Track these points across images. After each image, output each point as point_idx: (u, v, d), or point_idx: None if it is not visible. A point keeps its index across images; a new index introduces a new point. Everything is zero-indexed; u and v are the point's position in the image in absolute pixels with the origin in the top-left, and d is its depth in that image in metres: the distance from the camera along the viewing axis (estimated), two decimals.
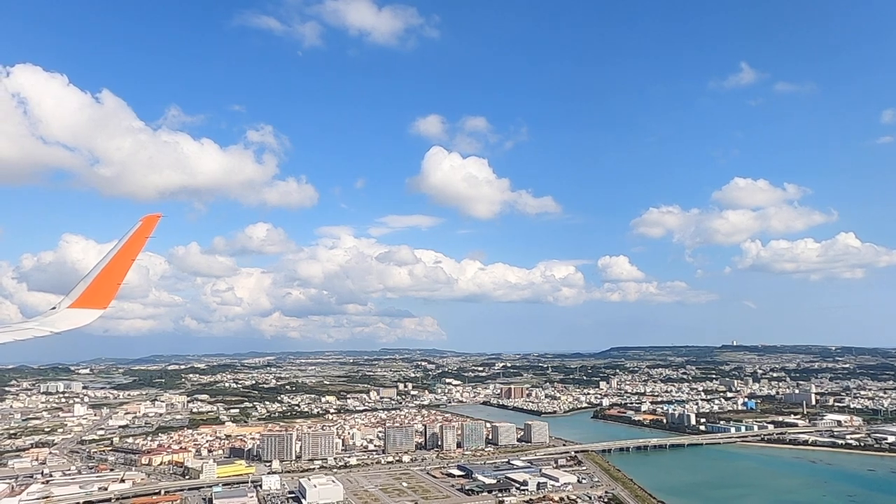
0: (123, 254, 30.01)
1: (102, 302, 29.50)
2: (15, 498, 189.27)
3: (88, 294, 29.30)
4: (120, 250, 30.05)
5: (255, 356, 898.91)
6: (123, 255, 29.98)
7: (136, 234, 30.47)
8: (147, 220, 31.09)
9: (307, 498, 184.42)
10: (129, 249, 30.13)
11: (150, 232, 30.69)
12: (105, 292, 29.44)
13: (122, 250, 30.07)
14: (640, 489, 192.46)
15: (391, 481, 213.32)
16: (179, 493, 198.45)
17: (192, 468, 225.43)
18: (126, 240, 30.34)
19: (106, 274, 29.54)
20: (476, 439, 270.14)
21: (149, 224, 30.88)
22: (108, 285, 29.45)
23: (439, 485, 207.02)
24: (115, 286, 29.63)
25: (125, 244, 30.17)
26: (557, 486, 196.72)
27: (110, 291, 29.56)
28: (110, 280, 29.49)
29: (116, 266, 29.76)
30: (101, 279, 29.41)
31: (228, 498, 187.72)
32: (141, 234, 30.49)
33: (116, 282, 29.65)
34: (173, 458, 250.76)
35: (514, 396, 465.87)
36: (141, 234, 30.53)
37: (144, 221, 30.98)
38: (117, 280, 29.65)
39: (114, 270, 29.67)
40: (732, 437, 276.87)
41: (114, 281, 29.56)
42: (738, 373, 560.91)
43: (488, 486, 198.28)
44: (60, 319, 28.58)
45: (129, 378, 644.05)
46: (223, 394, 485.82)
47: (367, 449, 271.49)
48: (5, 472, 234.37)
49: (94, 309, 29.32)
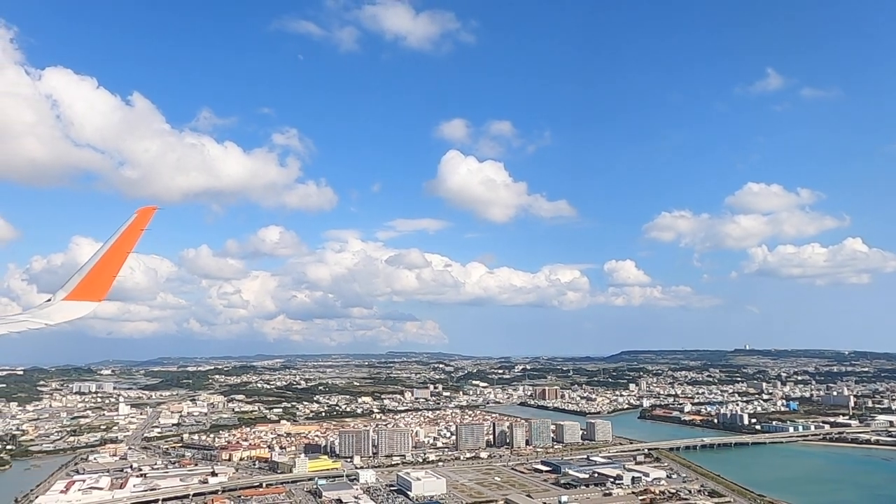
0: (119, 246, 29.54)
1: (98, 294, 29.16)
2: (124, 489, 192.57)
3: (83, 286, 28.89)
4: (115, 243, 29.58)
5: (261, 359, 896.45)
6: (119, 248, 29.51)
7: (132, 227, 30.00)
8: (142, 212, 30.61)
9: (412, 490, 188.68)
10: (124, 242, 29.67)
11: (145, 224, 30.29)
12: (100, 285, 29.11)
13: (118, 243, 29.61)
14: (733, 483, 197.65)
15: (480, 476, 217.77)
16: (283, 486, 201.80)
17: (282, 462, 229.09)
18: (121, 232, 29.86)
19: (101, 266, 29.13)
20: (544, 437, 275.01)
21: (144, 216, 30.44)
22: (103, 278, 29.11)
23: (530, 479, 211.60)
24: (111, 279, 29.31)
25: (120, 237, 29.72)
26: (649, 480, 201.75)
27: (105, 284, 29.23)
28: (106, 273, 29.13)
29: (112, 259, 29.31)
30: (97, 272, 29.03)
31: (335, 490, 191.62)
32: (136, 227, 30.04)
33: (112, 274, 29.29)
34: (252, 453, 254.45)
35: (548, 398, 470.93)
36: (136, 226, 30.06)
37: (140, 214, 30.51)
38: (112, 273, 29.29)
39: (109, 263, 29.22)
40: (793, 437, 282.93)
41: (109, 273, 29.21)
42: (762, 376, 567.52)
43: (582, 480, 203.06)
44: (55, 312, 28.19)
45: (150, 379, 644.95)
46: (258, 394, 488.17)
47: (435, 446, 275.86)
48: (92, 465, 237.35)
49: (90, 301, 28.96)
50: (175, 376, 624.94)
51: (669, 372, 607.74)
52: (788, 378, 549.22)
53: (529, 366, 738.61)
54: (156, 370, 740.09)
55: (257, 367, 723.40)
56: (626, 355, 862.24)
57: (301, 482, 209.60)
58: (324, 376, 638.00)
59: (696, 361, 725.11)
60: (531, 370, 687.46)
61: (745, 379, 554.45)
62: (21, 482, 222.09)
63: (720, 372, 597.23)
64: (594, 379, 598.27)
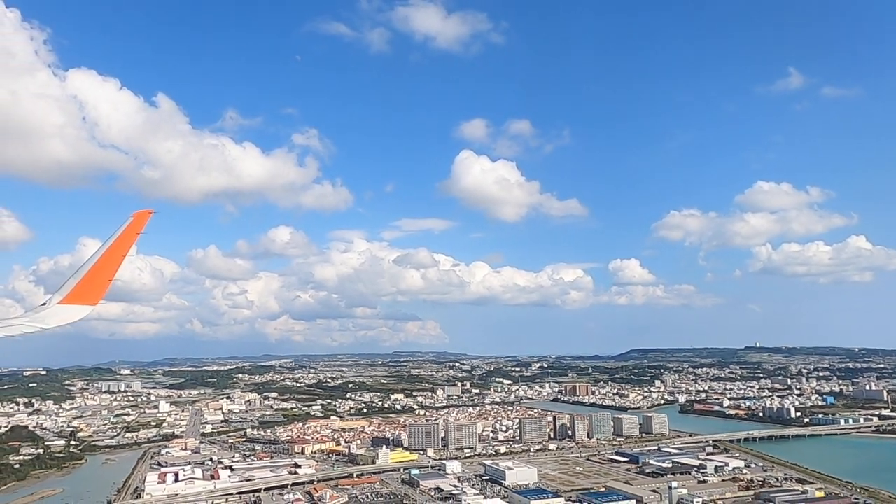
0: (114, 250, 29.37)
1: (93, 298, 28.97)
2: (221, 480, 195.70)
3: (79, 290, 28.75)
4: (111, 246, 29.41)
5: (268, 359, 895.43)
6: (114, 251, 29.35)
7: (128, 230, 29.86)
8: (138, 215, 30.37)
9: (506, 479, 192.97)
10: (120, 245, 29.49)
11: (141, 228, 30.03)
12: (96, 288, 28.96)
13: (114, 246, 29.43)
14: (814, 471, 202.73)
15: (559, 466, 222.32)
16: (376, 476, 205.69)
17: (361, 455, 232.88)
18: (117, 236, 29.69)
19: (97, 270, 28.96)
20: (604, 430, 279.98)
21: (140, 220, 30.19)
22: (99, 281, 28.97)
23: (611, 469, 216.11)
24: (107, 282, 29.17)
25: (116, 240, 29.55)
26: (730, 469, 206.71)
27: (101, 287, 29.09)
28: (101, 276, 28.99)
29: (107, 262, 29.13)
30: (92, 275, 28.89)
31: (430, 479, 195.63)
32: (132, 230, 29.88)
33: (108, 278, 29.15)
34: (321, 447, 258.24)
35: (580, 394, 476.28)
36: (132, 229, 29.90)
37: (136, 217, 30.26)
38: (108, 276, 29.15)
39: (105, 266, 29.05)
40: (845, 429, 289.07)
41: (105, 277, 29.07)
42: (783, 372, 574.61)
43: (666, 469, 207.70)
44: (50, 315, 28.09)
45: (170, 378, 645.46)
46: (290, 392, 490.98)
47: (497, 439, 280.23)
48: (171, 458, 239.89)
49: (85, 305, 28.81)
50: (198, 375, 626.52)
51: (690, 369, 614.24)
52: (810, 374, 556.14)
53: (545, 364, 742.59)
54: (174, 370, 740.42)
55: (276, 367, 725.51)
56: (636, 353, 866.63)
57: (386, 473, 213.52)
58: (345, 375, 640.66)
59: (708, 359, 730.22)
60: (548, 368, 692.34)
61: (766, 375, 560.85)
62: (105, 475, 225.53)
63: (741, 369, 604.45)
64: (616, 376, 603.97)
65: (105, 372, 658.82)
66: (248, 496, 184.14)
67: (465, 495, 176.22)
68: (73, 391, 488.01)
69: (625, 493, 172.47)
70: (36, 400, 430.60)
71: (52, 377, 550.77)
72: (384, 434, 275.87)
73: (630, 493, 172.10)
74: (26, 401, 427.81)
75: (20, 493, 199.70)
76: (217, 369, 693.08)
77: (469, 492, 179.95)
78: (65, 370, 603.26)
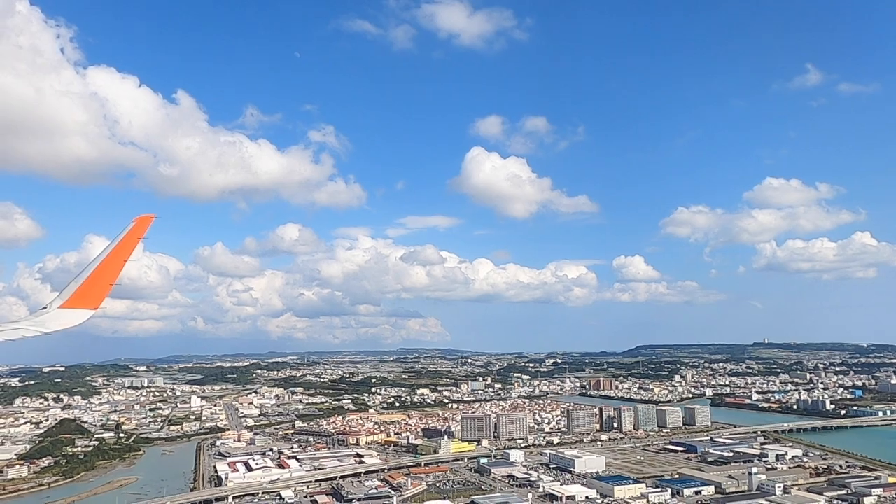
0: (116, 254, 29.41)
1: (94, 302, 28.98)
2: (293, 470, 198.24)
3: (80, 294, 28.79)
4: (113, 251, 29.50)
5: (273, 356, 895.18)
6: (116, 256, 29.37)
7: (130, 235, 29.94)
8: (140, 220, 30.51)
9: (576, 467, 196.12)
10: (121, 250, 29.52)
11: (143, 233, 30.17)
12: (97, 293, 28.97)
13: (115, 251, 29.50)
14: (873, 459, 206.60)
15: (619, 455, 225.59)
16: (444, 465, 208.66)
17: (421, 445, 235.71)
18: (119, 240, 29.78)
19: (98, 274, 29.02)
20: (649, 422, 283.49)
21: (142, 225, 30.34)
22: (100, 286, 28.99)
23: (672, 458, 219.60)
24: (108, 287, 29.19)
25: (118, 245, 29.66)
26: (789, 458, 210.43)
27: (102, 292, 29.07)
28: (102, 280, 29.01)
29: (109, 266, 29.17)
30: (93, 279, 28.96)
31: (500, 467, 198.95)
32: (134, 235, 29.97)
33: (109, 282, 29.15)
34: (373, 438, 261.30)
35: (603, 388, 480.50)
36: (134, 234, 29.99)
37: (138, 222, 30.40)
38: (110, 280, 29.14)
39: (106, 271, 29.10)
40: (885, 420, 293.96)
41: (106, 281, 29.08)
42: (800, 367, 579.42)
43: (728, 458, 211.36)
44: (51, 319, 28.06)
45: (186, 375, 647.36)
46: (315, 387, 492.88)
47: (543, 430, 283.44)
48: (231, 449, 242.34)
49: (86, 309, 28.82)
50: (216, 371, 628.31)
51: (707, 365, 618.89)
52: (826, 369, 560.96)
53: (559, 360, 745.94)
54: (189, 367, 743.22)
55: (290, 363, 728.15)
56: (644, 350, 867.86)
57: (451, 462, 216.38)
58: (361, 371, 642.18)
59: (717, 355, 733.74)
60: (561, 364, 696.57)
61: (783, 370, 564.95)
62: (169, 464, 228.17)
63: (757, 364, 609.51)
64: (633, 371, 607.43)
65: (121, 368, 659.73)
66: (325, 484, 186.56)
67: (542, 482, 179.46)
68: (97, 387, 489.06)
69: (702, 480, 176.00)
70: (64, 395, 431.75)
71: (72, 373, 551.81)
72: (434, 426, 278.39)
73: (707, 479, 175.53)
74: (55, 396, 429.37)
75: (95, 482, 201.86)
76: (234, 365, 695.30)
77: (545, 479, 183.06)
78: (81, 366, 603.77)
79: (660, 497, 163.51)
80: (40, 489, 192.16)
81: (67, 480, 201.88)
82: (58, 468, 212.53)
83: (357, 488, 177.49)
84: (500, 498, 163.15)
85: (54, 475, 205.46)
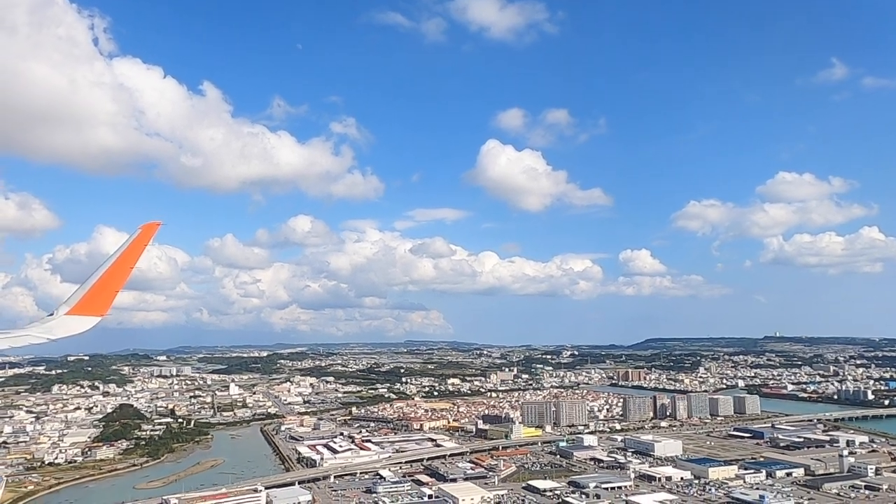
0: (122, 261, 29.60)
1: (100, 309, 29.10)
2: (373, 453, 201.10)
3: (86, 301, 28.97)
4: (119, 258, 29.67)
5: (281, 347, 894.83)
6: (122, 263, 29.58)
7: (136, 242, 30.18)
8: (146, 228, 30.77)
9: (655, 451, 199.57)
10: (128, 257, 29.77)
11: (148, 240, 30.47)
12: (103, 299, 29.13)
13: (122, 258, 29.67)
14: None
15: (688, 441, 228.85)
16: (523, 448, 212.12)
17: (490, 429, 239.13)
18: (125, 248, 30.03)
19: (104, 281, 29.19)
20: (702, 410, 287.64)
21: (147, 232, 30.60)
22: (106, 292, 29.17)
23: (739, 444, 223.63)
24: (114, 293, 29.40)
25: (124, 252, 29.87)
26: (857, 444, 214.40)
27: (108, 298, 29.26)
28: (109, 287, 29.20)
29: (115, 273, 29.36)
30: (100, 286, 29.14)
31: (580, 451, 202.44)
32: (140, 243, 30.21)
33: (115, 289, 29.36)
34: (434, 424, 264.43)
35: (632, 379, 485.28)
36: (140, 242, 30.23)
37: (143, 230, 30.62)
38: (116, 287, 29.38)
39: (112, 278, 29.28)
40: None
41: (112, 288, 29.29)
42: (820, 359, 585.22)
43: (799, 443, 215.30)
44: (58, 326, 28.34)
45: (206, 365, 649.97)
46: (344, 376, 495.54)
47: (597, 418, 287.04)
48: (301, 433, 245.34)
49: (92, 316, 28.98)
50: (241, 362, 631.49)
51: (727, 357, 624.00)
52: (846, 362, 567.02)
53: (576, 352, 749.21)
54: (205, 357, 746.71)
55: (309, 354, 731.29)
56: (653, 343, 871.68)
57: (525, 446, 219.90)
58: (384, 361, 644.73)
59: (728, 348, 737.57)
60: (579, 356, 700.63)
61: (804, 363, 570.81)
62: (244, 447, 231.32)
63: (777, 357, 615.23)
64: (654, 363, 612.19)
65: (142, 358, 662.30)
66: (416, 464, 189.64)
67: (631, 463, 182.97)
68: (126, 375, 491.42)
69: (789, 462, 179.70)
70: (98, 383, 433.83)
71: (96, 362, 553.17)
72: (493, 413, 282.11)
73: (795, 462, 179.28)
74: (90, 384, 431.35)
75: (183, 463, 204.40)
76: (253, 356, 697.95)
77: (633, 461, 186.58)
78: (104, 356, 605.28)
79: (755, 477, 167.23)
80: (134, 469, 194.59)
81: (154, 462, 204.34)
82: (140, 450, 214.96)
83: (452, 468, 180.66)
84: (600, 477, 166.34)
85: (139, 456, 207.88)
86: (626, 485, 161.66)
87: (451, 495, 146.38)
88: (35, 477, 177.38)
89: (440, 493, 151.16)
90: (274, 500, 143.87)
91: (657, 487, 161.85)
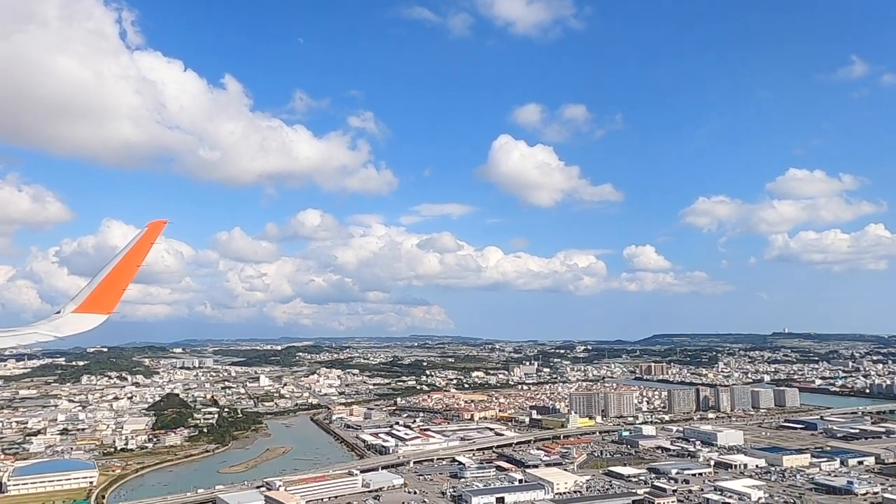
0: (129, 259, 29.78)
1: (107, 307, 29.41)
2: (439, 441, 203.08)
3: (93, 299, 29.20)
4: (126, 256, 29.85)
5: (287, 341, 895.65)
6: (129, 261, 29.75)
7: (142, 241, 30.37)
8: (153, 226, 31.05)
9: (718, 441, 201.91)
10: (134, 255, 29.94)
11: (155, 238, 30.70)
12: (110, 297, 29.38)
13: (128, 256, 29.84)
14: None
15: (743, 432, 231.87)
16: (585, 437, 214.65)
17: (545, 419, 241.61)
18: (132, 246, 30.27)
19: (111, 279, 29.38)
20: (744, 402, 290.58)
21: (154, 230, 30.89)
22: (113, 290, 29.39)
23: (794, 434, 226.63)
24: (121, 291, 29.62)
25: (131, 250, 30.09)
26: None
27: (115, 296, 29.52)
28: (115, 285, 29.41)
29: (122, 271, 29.55)
30: (107, 284, 29.32)
31: (643, 440, 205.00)
32: (146, 241, 30.43)
33: (122, 287, 29.57)
34: (485, 414, 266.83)
35: (655, 373, 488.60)
36: (146, 240, 30.47)
37: (150, 227, 30.90)
38: (122, 285, 29.59)
39: (119, 276, 29.47)
40: None
41: (119, 286, 29.50)
42: (836, 355, 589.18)
43: (853, 434, 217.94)
44: (65, 324, 28.73)
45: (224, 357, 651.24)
46: (368, 369, 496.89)
47: (641, 409, 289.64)
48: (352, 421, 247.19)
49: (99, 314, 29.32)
50: (260, 354, 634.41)
51: (743, 353, 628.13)
52: (862, 358, 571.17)
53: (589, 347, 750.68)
54: (219, 349, 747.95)
55: (323, 347, 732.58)
56: (660, 338, 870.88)
57: (583, 435, 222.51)
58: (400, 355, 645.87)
59: (736, 344, 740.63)
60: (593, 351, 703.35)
61: (820, 359, 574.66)
62: (301, 435, 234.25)
63: (793, 353, 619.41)
64: (669, 358, 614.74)
65: (158, 350, 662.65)
66: (487, 452, 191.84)
67: (701, 452, 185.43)
68: (149, 367, 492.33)
69: (860, 451, 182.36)
70: (125, 374, 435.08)
71: (116, 353, 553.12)
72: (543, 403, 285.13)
73: (866, 451, 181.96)
74: (118, 375, 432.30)
75: (252, 450, 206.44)
76: (269, 349, 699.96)
77: (703, 450, 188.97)
78: (122, 348, 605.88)
79: (829, 465, 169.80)
80: (207, 455, 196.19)
81: (223, 448, 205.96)
82: (204, 437, 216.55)
83: (526, 455, 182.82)
84: (679, 465, 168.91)
85: (207, 443, 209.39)
86: (706, 471, 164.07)
87: (544, 479, 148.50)
88: (116, 461, 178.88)
89: (531, 477, 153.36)
90: (371, 483, 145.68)
91: (736, 474, 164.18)
